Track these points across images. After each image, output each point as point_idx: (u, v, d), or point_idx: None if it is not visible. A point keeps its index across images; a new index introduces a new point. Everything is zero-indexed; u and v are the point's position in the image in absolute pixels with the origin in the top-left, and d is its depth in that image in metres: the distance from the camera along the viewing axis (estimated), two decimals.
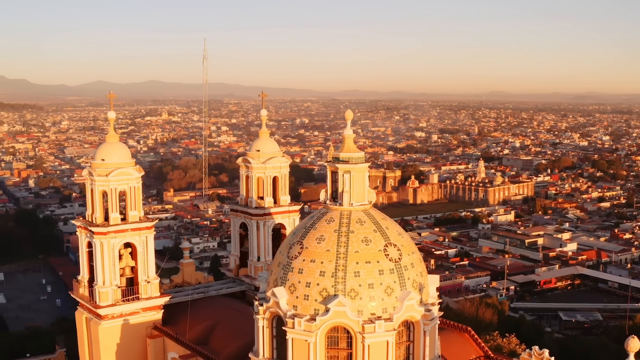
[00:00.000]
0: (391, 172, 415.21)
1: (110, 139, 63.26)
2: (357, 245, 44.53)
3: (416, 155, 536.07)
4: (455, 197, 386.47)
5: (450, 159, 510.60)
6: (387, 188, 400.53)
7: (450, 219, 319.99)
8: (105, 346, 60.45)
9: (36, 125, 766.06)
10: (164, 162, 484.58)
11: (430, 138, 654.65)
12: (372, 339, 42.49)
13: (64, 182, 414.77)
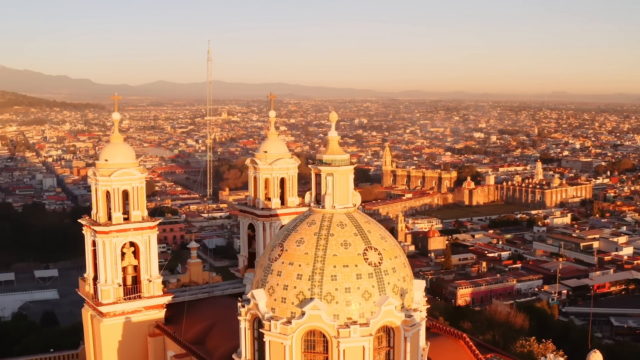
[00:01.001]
0: (447, 173, 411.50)
1: (115, 139, 64.20)
2: (336, 249, 43.99)
3: (474, 156, 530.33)
4: (511, 199, 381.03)
5: (509, 160, 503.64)
6: (443, 189, 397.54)
7: (505, 221, 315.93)
8: (107, 343, 61.46)
9: (97, 124, 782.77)
10: (220, 162, 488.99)
11: (489, 139, 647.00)
12: (347, 344, 41.91)
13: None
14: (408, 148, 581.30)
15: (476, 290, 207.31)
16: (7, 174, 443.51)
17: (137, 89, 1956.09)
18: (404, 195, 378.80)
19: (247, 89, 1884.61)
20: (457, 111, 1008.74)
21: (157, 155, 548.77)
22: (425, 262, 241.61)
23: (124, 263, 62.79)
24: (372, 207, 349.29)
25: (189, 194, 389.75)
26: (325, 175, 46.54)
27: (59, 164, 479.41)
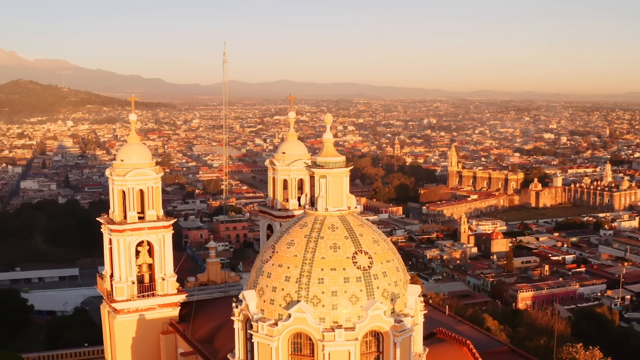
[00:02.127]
0: (514, 174, 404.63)
1: (131, 140, 65.31)
2: (325, 252, 43.69)
3: (543, 157, 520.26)
4: (579, 201, 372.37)
5: (578, 162, 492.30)
6: (509, 190, 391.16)
7: (572, 224, 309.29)
8: (120, 339, 62.67)
9: (168, 123, 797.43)
10: None
11: (559, 140, 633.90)
12: (332, 348, 41.60)
13: (188, 179, 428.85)
14: (476, 149, 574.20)
15: (537, 294, 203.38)
16: (78, 171, 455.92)
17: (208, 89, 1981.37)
18: (469, 197, 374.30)
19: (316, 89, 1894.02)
20: (527, 111, 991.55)
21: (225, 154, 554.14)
22: (487, 265, 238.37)
23: (138, 261, 63.95)
24: (436, 207, 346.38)
25: (254, 192, 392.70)
26: (319, 178, 46.27)
27: None
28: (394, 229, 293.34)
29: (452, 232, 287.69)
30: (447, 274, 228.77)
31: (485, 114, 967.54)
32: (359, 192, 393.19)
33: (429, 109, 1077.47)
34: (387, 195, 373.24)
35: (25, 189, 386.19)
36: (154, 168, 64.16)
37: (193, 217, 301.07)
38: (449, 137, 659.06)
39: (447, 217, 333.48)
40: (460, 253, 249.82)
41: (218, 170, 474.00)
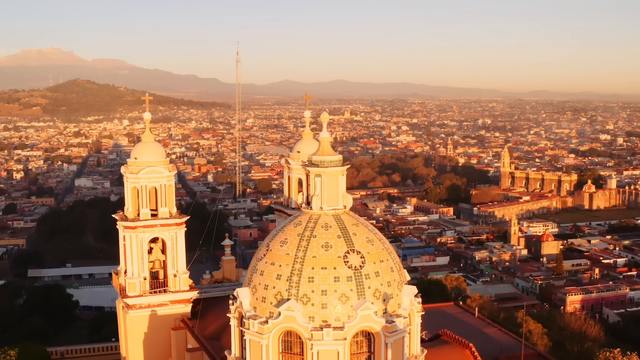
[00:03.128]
0: (567, 175, 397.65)
1: (146, 138, 66.27)
2: (316, 251, 43.60)
3: (598, 159, 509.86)
4: (634, 203, 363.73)
5: (634, 164, 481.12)
6: (562, 192, 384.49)
7: (625, 226, 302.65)
8: (132, 334, 63.59)
9: (222, 123, 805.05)
10: None
11: (616, 141, 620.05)
12: (321, 347, 41.48)
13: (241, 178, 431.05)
14: (530, 149, 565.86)
15: (586, 297, 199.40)
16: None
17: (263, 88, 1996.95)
18: (521, 198, 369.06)
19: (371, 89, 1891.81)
20: (584, 112, 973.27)
21: (277, 154, 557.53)
22: (536, 267, 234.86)
23: (151, 258, 64.82)
24: (487, 209, 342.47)
25: None
26: (314, 177, 46.13)
27: (182, 160, 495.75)
28: (444, 230, 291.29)
29: (502, 233, 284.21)
30: (496, 276, 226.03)
31: (541, 115, 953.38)
32: (410, 193, 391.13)
33: (484, 109, 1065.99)
34: (438, 195, 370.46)
35: (80, 186, 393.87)
36: (167, 166, 64.94)
37: (243, 216, 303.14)
38: (504, 137, 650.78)
39: (499, 219, 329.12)
40: (510, 255, 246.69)
41: (270, 169, 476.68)
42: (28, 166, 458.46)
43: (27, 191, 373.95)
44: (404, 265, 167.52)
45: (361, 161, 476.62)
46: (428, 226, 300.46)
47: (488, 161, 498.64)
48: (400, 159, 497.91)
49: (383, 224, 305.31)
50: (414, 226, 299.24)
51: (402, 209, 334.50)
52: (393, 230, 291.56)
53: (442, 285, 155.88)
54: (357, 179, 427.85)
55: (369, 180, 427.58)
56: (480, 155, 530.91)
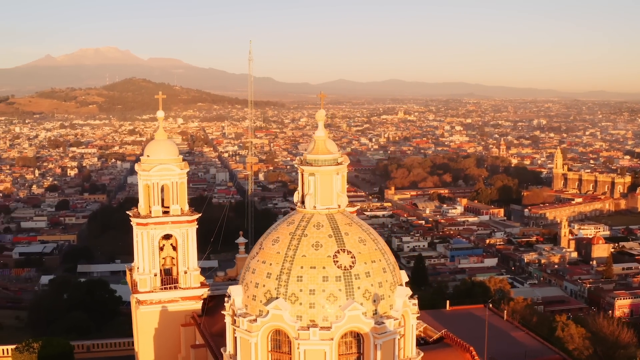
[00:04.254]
0: (621, 177, 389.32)
1: (158, 136, 66.94)
2: (306, 250, 43.36)
3: None
4: None
5: None
6: (616, 194, 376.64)
7: None
8: (143, 330, 64.32)
9: (276, 122, 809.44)
10: (390, 161, 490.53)
11: None
12: (307, 346, 41.24)
13: (291, 177, 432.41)
14: (585, 151, 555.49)
15: (636, 301, 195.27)
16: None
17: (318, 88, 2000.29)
18: (573, 200, 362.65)
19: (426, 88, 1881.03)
20: None
21: None
22: (585, 270, 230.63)
23: (162, 254, 65.34)
24: (538, 210, 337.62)
25: (355, 191, 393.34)
26: (308, 175, 45.85)
27: (234, 159, 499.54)
28: (493, 231, 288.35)
29: (552, 236, 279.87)
30: (544, 279, 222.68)
31: (598, 115, 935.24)
32: (461, 193, 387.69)
33: (539, 110, 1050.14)
34: (489, 196, 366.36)
35: (132, 184, 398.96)
36: (179, 164, 65.43)
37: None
38: (558, 138, 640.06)
39: (550, 221, 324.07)
40: (559, 257, 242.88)
41: None
42: (82, 163, 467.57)
43: (80, 188, 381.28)
44: (451, 266, 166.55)
45: (412, 161, 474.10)
46: (477, 227, 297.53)
47: (541, 162, 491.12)
48: (452, 159, 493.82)
49: (432, 224, 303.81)
50: (464, 227, 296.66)
51: (452, 209, 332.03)
52: (442, 231, 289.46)
53: (485, 287, 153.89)
54: (408, 179, 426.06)
55: (419, 180, 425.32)
56: (534, 156, 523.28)
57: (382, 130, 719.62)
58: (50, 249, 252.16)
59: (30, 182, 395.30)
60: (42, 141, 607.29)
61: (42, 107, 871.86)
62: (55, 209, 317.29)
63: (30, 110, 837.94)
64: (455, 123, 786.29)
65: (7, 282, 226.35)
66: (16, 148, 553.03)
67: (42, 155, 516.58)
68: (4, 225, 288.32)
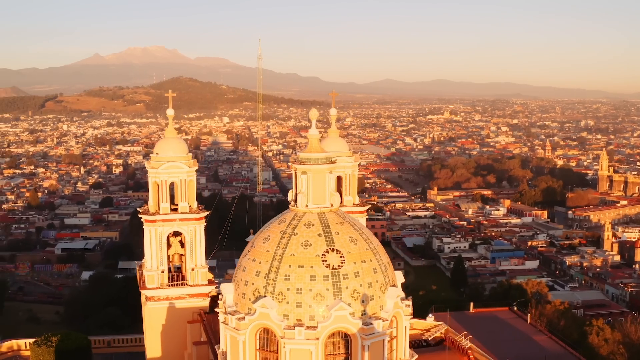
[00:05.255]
0: None
1: (168, 134, 67.22)
2: (295, 248, 43.14)
3: None
4: None
5: None
6: None
7: None
8: (150, 325, 64.94)
9: (321, 121, 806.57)
10: (434, 161, 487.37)
11: None
12: (293, 345, 41.06)
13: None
14: (632, 152, 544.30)
15: None
16: (228, 166, 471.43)
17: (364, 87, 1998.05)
18: (618, 202, 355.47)
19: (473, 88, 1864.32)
20: None
21: (374, 153, 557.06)
22: (628, 274, 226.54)
23: (170, 251, 65.77)
24: (582, 212, 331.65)
25: (398, 192, 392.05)
26: (300, 174, 45.58)
27: (278, 158, 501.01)
28: (536, 233, 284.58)
29: (596, 238, 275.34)
30: (586, 282, 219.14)
31: None
32: (505, 195, 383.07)
33: (587, 111, 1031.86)
34: (532, 198, 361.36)
35: None
36: (187, 162, 65.60)
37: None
38: (606, 139, 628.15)
39: (594, 223, 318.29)
40: (602, 261, 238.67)
41: (364, 168, 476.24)
42: (127, 161, 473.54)
43: (124, 185, 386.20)
44: (491, 268, 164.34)
45: (457, 161, 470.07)
46: (520, 229, 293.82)
47: (587, 164, 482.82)
48: (496, 159, 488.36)
49: (474, 225, 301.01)
50: (506, 229, 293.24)
51: (494, 210, 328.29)
52: (484, 233, 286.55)
53: (522, 290, 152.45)
54: (452, 180, 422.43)
55: (463, 181, 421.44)
56: (580, 157, 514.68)
57: (427, 130, 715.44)
58: (92, 246, 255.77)
59: (75, 179, 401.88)
60: (88, 139, 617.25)
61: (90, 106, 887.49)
62: (99, 206, 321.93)
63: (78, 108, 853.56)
64: (501, 123, 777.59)
65: (49, 277, 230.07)
66: (63, 146, 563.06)
67: (88, 152, 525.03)
68: (47, 221, 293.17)
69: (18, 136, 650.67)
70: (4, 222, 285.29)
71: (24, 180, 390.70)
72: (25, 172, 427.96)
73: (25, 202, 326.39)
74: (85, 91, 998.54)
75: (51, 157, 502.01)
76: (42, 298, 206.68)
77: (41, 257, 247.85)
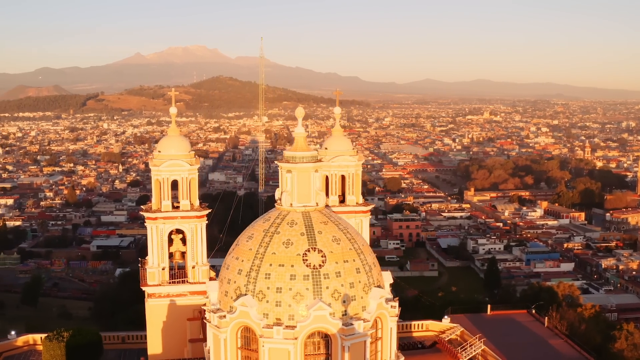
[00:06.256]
0: None
1: (171, 132, 67.23)
2: (277, 247, 42.95)
3: None
4: None
5: None
6: None
7: None
8: (151, 322, 65.41)
9: (360, 121, 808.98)
10: (471, 161, 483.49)
11: None
12: (271, 344, 40.96)
13: (371, 177, 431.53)
14: None
15: None
16: (266, 165, 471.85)
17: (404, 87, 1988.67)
18: None
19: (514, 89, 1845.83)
20: None
21: (411, 153, 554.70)
22: None
23: (172, 249, 65.97)
24: (620, 215, 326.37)
25: (434, 192, 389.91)
26: (285, 172, 45.31)
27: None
28: (572, 236, 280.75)
29: (633, 241, 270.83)
30: (621, 285, 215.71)
31: None
32: (542, 196, 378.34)
33: (630, 112, 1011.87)
34: (570, 199, 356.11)
35: (212, 180, 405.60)
36: (189, 160, 65.67)
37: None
38: None
39: (631, 226, 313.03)
40: (638, 264, 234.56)
41: (402, 168, 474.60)
42: None
43: None
44: (526, 270, 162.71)
45: (494, 162, 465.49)
46: (556, 231, 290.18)
47: (627, 165, 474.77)
48: (535, 160, 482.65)
49: (510, 227, 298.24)
50: (542, 230, 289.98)
51: (531, 212, 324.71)
52: (520, 234, 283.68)
53: (553, 292, 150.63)
54: (489, 180, 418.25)
55: (500, 181, 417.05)
56: (620, 159, 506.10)
57: (466, 130, 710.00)
58: (127, 243, 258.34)
59: (113, 177, 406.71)
60: (128, 137, 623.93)
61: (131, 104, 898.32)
62: (135, 204, 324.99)
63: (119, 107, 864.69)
64: (541, 124, 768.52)
65: (83, 274, 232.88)
66: (103, 144, 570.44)
67: (127, 151, 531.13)
68: (84, 218, 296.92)
69: (59, 134, 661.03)
70: (41, 219, 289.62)
71: (63, 178, 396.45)
72: (65, 169, 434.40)
73: (63, 200, 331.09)
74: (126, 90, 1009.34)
75: (90, 155, 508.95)
76: (76, 294, 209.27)
77: (77, 253, 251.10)
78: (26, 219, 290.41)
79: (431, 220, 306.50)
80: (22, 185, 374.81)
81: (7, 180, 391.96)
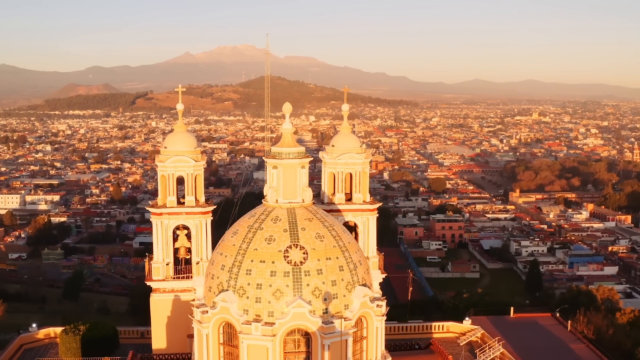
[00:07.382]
0: None
1: (178, 128, 67.55)
2: (259, 243, 42.77)
3: None
4: None
5: None
6: None
7: None
8: (155, 317, 65.64)
9: (407, 121, 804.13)
10: (518, 162, 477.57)
11: None
12: (250, 341, 40.79)
13: (416, 177, 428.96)
14: None
15: None
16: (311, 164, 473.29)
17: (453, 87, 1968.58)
18: None
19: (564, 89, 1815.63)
20: None
21: (458, 153, 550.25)
22: None
23: (177, 244, 66.17)
24: None
25: (479, 193, 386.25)
26: (271, 168, 45.10)
27: None
28: (618, 239, 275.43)
29: None
30: None
31: None
32: (589, 198, 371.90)
33: None
34: (617, 202, 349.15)
35: (258, 179, 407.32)
36: (195, 156, 65.82)
37: (411, 215, 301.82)
38: None
39: None
40: None
41: (447, 169, 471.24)
42: (212, 158, 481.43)
43: (206, 182, 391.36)
44: (569, 273, 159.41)
45: (541, 163, 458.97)
46: (602, 234, 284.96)
47: None
48: (582, 162, 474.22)
49: (555, 229, 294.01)
50: (587, 233, 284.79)
51: (577, 214, 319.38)
52: (564, 237, 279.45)
53: (591, 296, 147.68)
54: (535, 182, 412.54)
55: (546, 183, 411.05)
56: None
57: (514, 131, 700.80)
58: None
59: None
60: None
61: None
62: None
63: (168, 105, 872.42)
64: (591, 125, 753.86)
65: (125, 270, 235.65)
66: (150, 142, 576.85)
67: None
68: (128, 215, 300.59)
69: (107, 132, 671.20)
70: (86, 215, 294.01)
71: (110, 175, 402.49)
72: (112, 167, 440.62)
73: (109, 197, 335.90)
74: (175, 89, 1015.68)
75: (138, 153, 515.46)
76: (117, 290, 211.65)
77: (119, 250, 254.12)
78: (71, 215, 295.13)
79: (474, 221, 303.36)
80: (69, 182, 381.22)
81: (55, 177, 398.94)
